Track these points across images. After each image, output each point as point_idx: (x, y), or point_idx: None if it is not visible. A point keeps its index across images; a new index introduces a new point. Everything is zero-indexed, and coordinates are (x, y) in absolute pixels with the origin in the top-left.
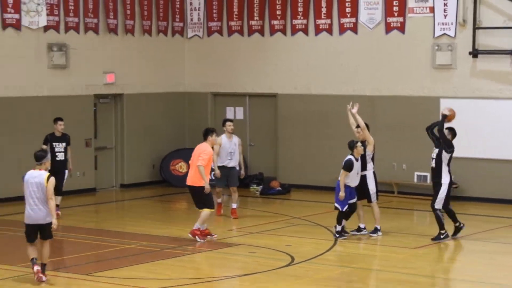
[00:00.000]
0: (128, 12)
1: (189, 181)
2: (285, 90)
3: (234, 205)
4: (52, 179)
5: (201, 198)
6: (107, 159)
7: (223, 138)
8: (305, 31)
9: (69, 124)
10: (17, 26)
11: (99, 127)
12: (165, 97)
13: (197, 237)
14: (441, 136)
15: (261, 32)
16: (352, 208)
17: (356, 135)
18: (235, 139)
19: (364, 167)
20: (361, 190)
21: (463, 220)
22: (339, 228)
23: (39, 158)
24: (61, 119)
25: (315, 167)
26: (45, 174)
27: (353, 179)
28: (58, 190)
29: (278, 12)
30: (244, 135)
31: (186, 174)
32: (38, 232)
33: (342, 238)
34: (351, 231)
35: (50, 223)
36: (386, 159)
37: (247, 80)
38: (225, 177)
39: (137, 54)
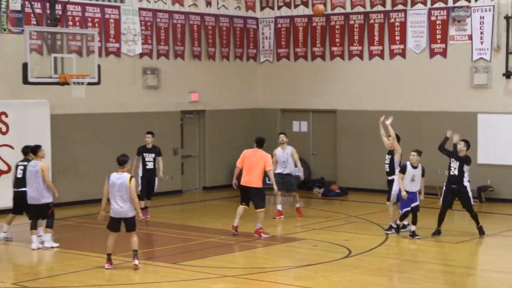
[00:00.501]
0: (210, 41)
1: (252, 183)
2: (343, 107)
3: (298, 205)
4: (134, 180)
5: (260, 198)
6: (191, 165)
7: (278, 149)
8: (361, 56)
9: (159, 136)
10: (118, 53)
11: (185, 139)
12: (241, 113)
13: (262, 234)
14: (459, 158)
15: (323, 57)
16: (412, 211)
17: (386, 144)
18: (288, 149)
19: (392, 172)
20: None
21: (498, 219)
22: (398, 223)
23: (121, 162)
24: (149, 133)
25: (369, 172)
26: (127, 175)
27: (407, 184)
28: (148, 194)
29: (337, 40)
30: (308, 145)
31: None
32: (123, 225)
33: (389, 232)
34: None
35: (133, 217)
36: (431, 166)
37: (310, 98)
38: (282, 183)
39: (217, 76)
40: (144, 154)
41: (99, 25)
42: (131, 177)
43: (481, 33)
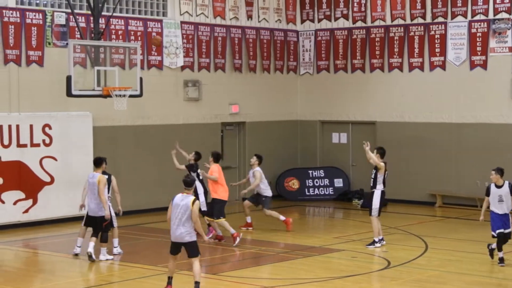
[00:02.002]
0: (251, 53)
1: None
2: (382, 118)
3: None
4: (198, 202)
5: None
6: (232, 176)
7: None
8: (400, 68)
9: (200, 147)
10: (159, 66)
11: (225, 150)
12: (281, 124)
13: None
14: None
15: (363, 69)
16: (502, 238)
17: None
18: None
19: (374, 186)
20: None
21: None
22: (493, 247)
23: (189, 184)
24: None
25: (408, 184)
26: (191, 197)
27: (495, 206)
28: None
29: (377, 52)
30: (347, 157)
31: (297, 190)
32: (183, 249)
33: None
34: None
35: (194, 242)
36: (470, 177)
37: (350, 109)
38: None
39: (258, 88)
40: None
41: (141, 38)
42: (194, 200)
43: None
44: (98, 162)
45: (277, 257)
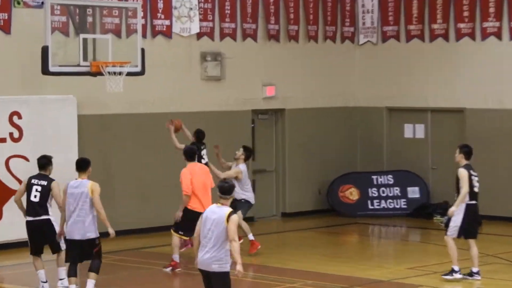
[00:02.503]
0: (292, 16)
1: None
2: (474, 104)
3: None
4: (235, 216)
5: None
6: (266, 183)
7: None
8: (498, 34)
9: (223, 143)
10: (168, 33)
11: (258, 147)
12: (333, 112)
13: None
14: None
15: (445, 37)
16: None
17: None
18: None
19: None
20: None
21: None
22: None
23: (227, 191)
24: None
25: (510, 195)
26: (227, 210)
27: None
28: None
29: (466, 14)
30: (425, 157)
31: (357, 202)
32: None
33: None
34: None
35: (225, 274)
36: None
37: (429, 92)
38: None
39: (301, 63)
40: None
41: None
42: (231, 212)
43: None
44: (83, 165)
45: None
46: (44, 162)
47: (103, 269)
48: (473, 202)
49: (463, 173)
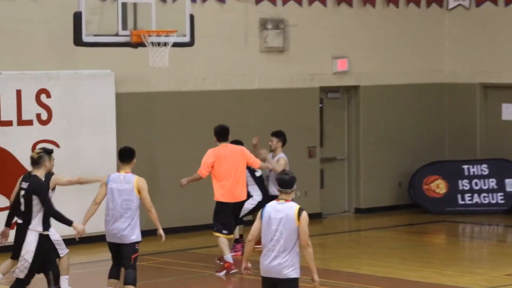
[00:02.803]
0: None
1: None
2: None
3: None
4: (306, 214)
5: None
6: (337, 174)
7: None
8: None
9: (286, 127)
10: None
11: (327, 131)
12: (416, 90)
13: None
14: None
15: None
16: None
17: None
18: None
19: None
20: None
21: None
22: None
23: (288, 183)
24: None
25: None
26: (295, 206)
27: None
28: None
29: None
30: None
31: (445, 196)
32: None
33: None
34: None
35: (295, 280)
36: None
37: None
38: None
39: (378, 32)
40: None
41: None
42: (300, 210)
43: None
44: (128, 156)
45: None
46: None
47: (146, 274)
48: None
49: None
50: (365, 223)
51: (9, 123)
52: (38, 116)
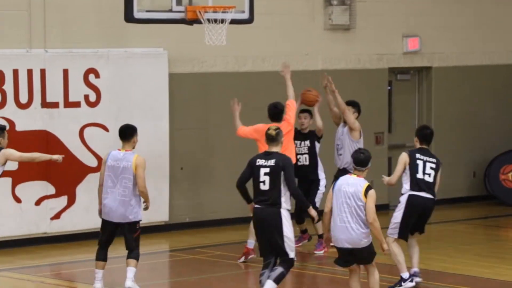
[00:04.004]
0: None
1: None
2: None
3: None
4: (372, 193)
5: None
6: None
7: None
8: None
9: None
10: None
11: (395, 116)
12: (494, 72)
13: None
14: None
15: None
16: None
17: None
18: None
19: None
20: None
21: None
22: None
23: (363, 162)
24: (305, 111)
25: None
26: (364, 183)
27: None
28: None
29: None
30: None
31: None
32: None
33: None
34: None
35: (368, 246)
36: None
37: None
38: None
39: (453, 8)
40: (295, 141)
41: None
42: (368, 186)
43: None
44: (128, 133)
45: None
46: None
47: (200, 267)
48: None
49: None
50: (436, 216)
51: (55, 105)
52: (86, 97)
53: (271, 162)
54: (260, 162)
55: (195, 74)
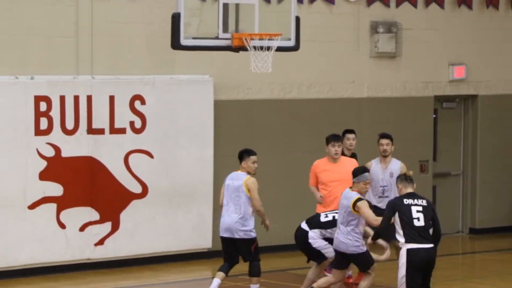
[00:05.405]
0: None
1: None
2: None
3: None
4: (364, 203)
5: None
6: (451, 191)
7: (374, 163)
8: None
9: (396, 138)
10: None
11: (441, 144)
12: None
13: None
14: None
15: None
16: None
17: None
18: (395, 165)
19: None
20: None
21: None
22: None
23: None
24: (351, 132)
25: None
26: (354, 195)
27: None
28: None
29: None
30: None
31: None
32: None
33: None
34: None
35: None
36: None
37: None
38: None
39: (500, 37)
40: None
41: None
42: (357, 199)
43: None
44: (240, 156)
45: None
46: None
47: None
48: None
49: None
50: (481, 245)
51: (101, 131)
52: (132, 124)
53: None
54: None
55: (240, 101)
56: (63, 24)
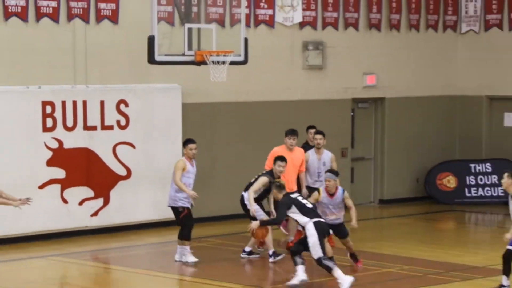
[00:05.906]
0: (394, 5)
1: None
2: None
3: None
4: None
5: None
6: (364, 171)
7: (311, 153)
8: None
9: (324, 131)
10: (270, 23)
11: (357, 135)
12: (433, 101)
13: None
14: None
15: None
16: None
17: None
18: (327, 155)
19: None
20: None
21: None
22: None
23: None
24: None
25: None
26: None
27: None
28: None
29: None
30: None
31: (454, 189)
32: None
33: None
34: None
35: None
36: None
37: None
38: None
39: (402, 52)
40: None
41: None
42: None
43: None
44: (184, 144)
45: (424, 279)
46: None
47: (205, 253)
48: None
49: None
50: (387, 212)
51: (94, 128)
52: (118, 122)
53: None
54: None
55: (203, 104)
56: (63, 45)
